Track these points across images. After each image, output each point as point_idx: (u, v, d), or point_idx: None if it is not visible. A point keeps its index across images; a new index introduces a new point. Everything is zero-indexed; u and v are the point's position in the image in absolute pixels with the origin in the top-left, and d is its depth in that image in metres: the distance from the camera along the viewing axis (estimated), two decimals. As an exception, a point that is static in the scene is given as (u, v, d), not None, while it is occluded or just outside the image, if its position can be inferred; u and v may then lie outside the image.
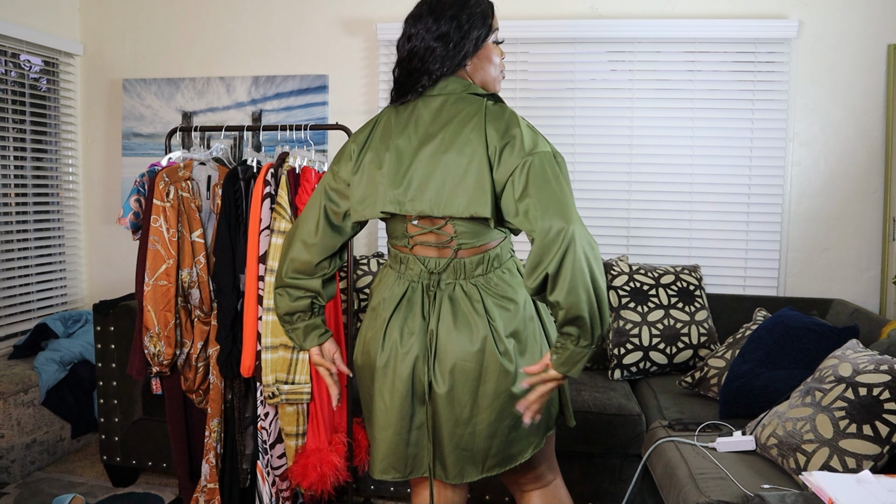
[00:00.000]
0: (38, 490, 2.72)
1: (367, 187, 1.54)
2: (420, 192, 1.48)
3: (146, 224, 2.28)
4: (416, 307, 1.54)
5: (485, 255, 1.53)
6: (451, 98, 1.52)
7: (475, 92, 1.53)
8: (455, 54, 1.52)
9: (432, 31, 1.52)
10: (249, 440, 2.38)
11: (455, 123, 1.48)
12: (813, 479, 1.52)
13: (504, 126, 1.45)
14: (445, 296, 1.52)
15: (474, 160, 1.44)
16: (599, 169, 3.19)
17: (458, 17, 1.52)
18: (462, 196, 1.45)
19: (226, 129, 2.54)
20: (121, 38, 3.55)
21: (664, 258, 3.15)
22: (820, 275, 3.10)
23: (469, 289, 1.52)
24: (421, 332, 1.52)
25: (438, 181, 1.47)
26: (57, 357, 3.01)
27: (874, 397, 1.67)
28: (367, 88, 3.35)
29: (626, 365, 2.76)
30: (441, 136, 1.48)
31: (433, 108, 1.52)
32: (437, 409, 1.52)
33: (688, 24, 3.03)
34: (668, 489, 1.82)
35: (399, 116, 1.54)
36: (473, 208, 1.44)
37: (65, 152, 3.58)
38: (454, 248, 1.52)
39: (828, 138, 3.05)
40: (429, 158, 1.47)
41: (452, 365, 1.49)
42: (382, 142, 1.53)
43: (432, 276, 1.54)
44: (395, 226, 1.58)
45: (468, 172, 1.44)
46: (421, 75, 1.53)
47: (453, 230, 1.51)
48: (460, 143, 1.46)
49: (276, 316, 2.20)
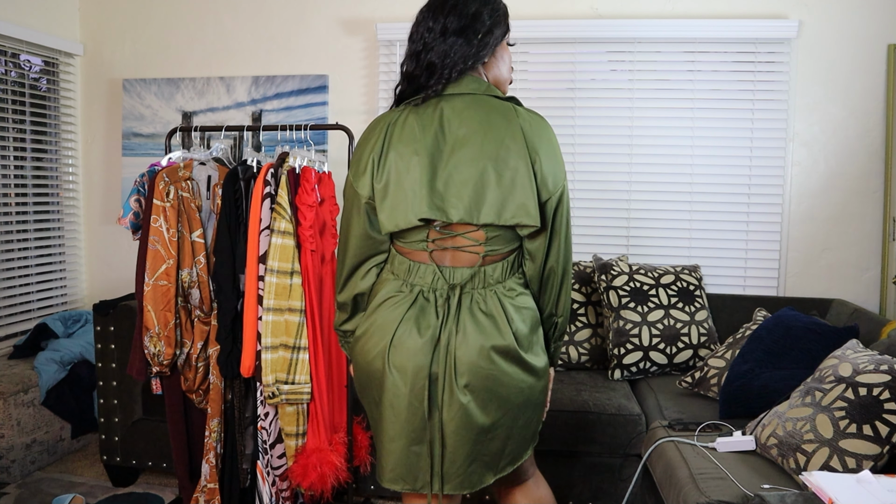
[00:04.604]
0: (38, 490, 2.72)
1: (395, 194, 1.44)
2: (458, 198, 1.41)
3: (146, 224, 2.28)
4: (429, 317, 1.46)
5: (504, 262, 1.51)
6: (474, 99, 1.46)
7: (494, 94, 1.50)
8: (478, 50, 1.48)
9: (454, 24, 1.47)
10: (249, 440, 2.38)
11: (488, 128, 1.43)
12: (813, 479, 1.52)
13: (540, 134, 1.47)
14: (465, 305, 1.46)
15: (519, 169, 1.42)
16: (599, 169, 3.19)
17: (482, 12, 1.49)
18: (511, 204, 1.41)
19: (226, 129, 2.54)
20: (121, 38, 3.55)
21: (664, 258, 3.15)
22: (820, 275, 3.10)
23: (489, 296, 1.47)
24: (434, 343, 1.45)
25: (479, 187, 1.41)
26: (57, 357, 3.01)
27: (874, 397, 1.67)
28: (367, 88, 3.35)
29: (626, 365, 2.76)
30: (475, 140, 1.42)
31: (457, 108, 1.45)
32: (457, 422, 1.45)
33: (688, 24, 3.03)
34: (668, 489, 1.82)
35: (420, 117, 1.45)
36: (521, 216, 1.42)
37: (65, 152, 3.58)
38: (482, 255, 1.48)
39: (828, 138, 3.05)
40: (465, 163, 1.42)
41: (475, 374, 1.44)
42: (407, 144, 1.44)
43: (453, 287, 1.47)
44: (416, 231, 1.48)
45: (515, 181, 1.41)
46: (440, 71, 1.46)
47: (485, 236, 1.47)
48: (501, 150, 1.42)
49: (276, 316, 2.22)
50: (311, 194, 2.26)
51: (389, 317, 1.48)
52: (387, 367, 1.47)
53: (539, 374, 1.53)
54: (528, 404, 1.52)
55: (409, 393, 1.45)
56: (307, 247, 2.25)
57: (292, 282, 2.22)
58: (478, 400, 1.45)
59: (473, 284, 1.48)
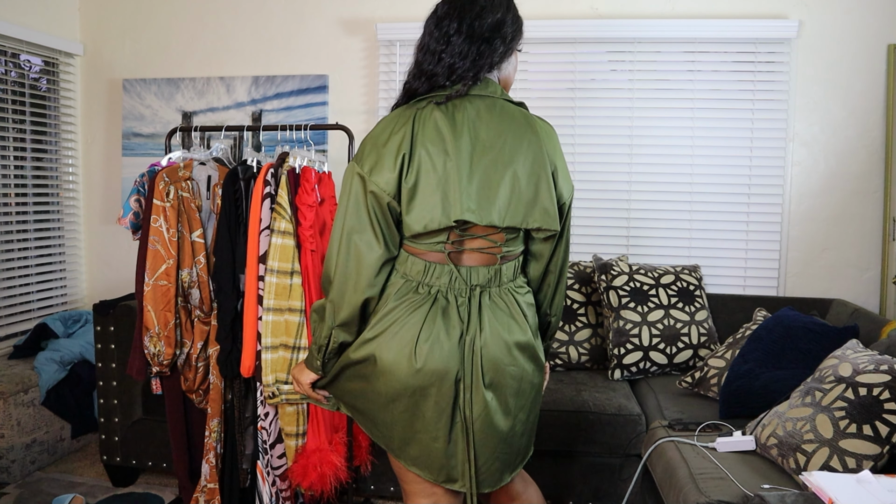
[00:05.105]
0: (38, 490, 2.72)
1: (425, 194, 1.40)
2: (489, 202, 1.42)
3: (146, 224, 2.28)
4: (453, 318, 1.45)
5: (516, 262, 1.56)
6: (493, 102, 1.47)
7: (507, 98, 1.52)
8: (502, 56, 1.50)
9: (481, 29, 1.45)
10: (249, 440, 2.38)
11: (510, 134, 1.45)
12: (813, 479, 1.52)
13: (553, 142, 1.53)
14: (485, 304, 1.48)
15: (537, 171, 1.46)
16: (599, 169, 3.19)
17: (506, 20, 1.49)
18: (530, 208, 1.45)
19: (226, 129, 2.54)
20: (121, 38, 3.55)
21: (664, 258, 3.15)
22: (820, 275, 3.10)
23: (504, 295, 1.51)
24: (461, 344, 1.45)
25: (507, 192, 1.43)
26: (57, 357, 3.01)
27: (874, 397, 1.67)
28: (367, 88, 3.35)
29: (626, 365, 2.76)
30: (500, 145, 1.43)
31: (480, 110, 1.45)
32: (482, 420, 1.46)
33: (688, 24, 3.03)
34: (668, 489, 1.82)
35: (446, 117, 1.42)
36: (542, 222, 1.47)
37: (65, 152, 3.58)
38: (499, 256, 1.51)
39: (828, 138, 3.05)
40: (493, 167, 1.42)
41: (498, 371, 1.47)
42: (435, 143, 1.40)
43: (474, 287, 1.48)
44: (437, 232, 1.45)
45: (531, 184, 1.46)
46: (465, 73, 1.45)
47: (504, 238, 1.50)
48: (523, 157, 1.45)
49: (276, 316, 2.22)
50: (311, 194, 2.26)
51: (410, 319, 1.45)
52: (415, 367, 1.43)
53: (542, 370, 1.62)
54: (537, 399, 1.60)
55: (437, 393, 1.44)
56: (307, 247, 2.25)
57: (292, 282, 2.23)
58: (500, 397, 1.49)
59: (491, 284, 1.51)
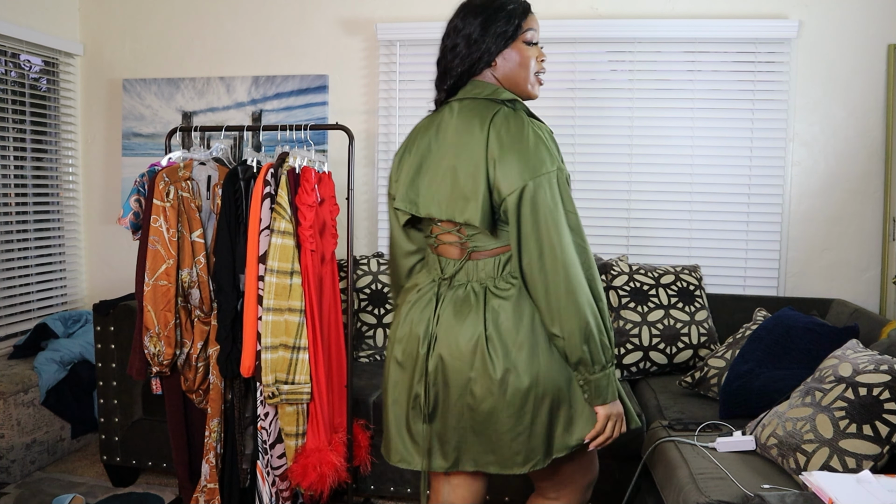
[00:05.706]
0: (38, 490, 2.72)
1: (398, 187, 1.64)
2: (429, 195, 1.55)
3: (146, 224, 2.28)
4: (431, 304, 1.57)
5: (497, 259, 1.54)
6: (472, 103, 1.54)
7: (499, 97, 1.52)
8: (473, 51, 1.53)
9: (460, 29, 1.55)
10: (249, 440, 2.38)
11: (462, 133, 1.51)
12: (813, 479, 1.52)
13: (509, 135, 1.45)
14: (452, 295, 1.55)
15: (471, 167, 1.48)
16: (599, 169, 3.19)
17: (484, 13, 1.53)
18: (460, 202, 1.50)
19: (226, 129, 2.54)
20: (121, 38, 3.55)
21: (664, 258, 3.15)
22: (820, 275, 3.10)
23: (477, 289, 1.54)
24: (427, 328, 1.55)
25: (444, 185, 1.52)
26: (57, 357, 3.01)
27: (874, 397, 1.67)
28: (368, 88, 3.34)
29: (626, 365, 2.76)
30: (454, 143, 1.52)
31: (455, 111, 1.55)
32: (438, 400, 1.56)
33: (688, 24, 3.03)
34: (668, 489, 1.82)
35: (428, 120, 1.62)
36: (467, 215, 1.49)
37: (65, 152, 3.58)
38: (468, 250, 1.56)
39: (828, 138, 3.05)
40: (439, 165, 1.54)
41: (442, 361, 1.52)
42: (408, 148, 1.63)
43: (444, 278, 1.58)
44: (425, 226, 1.65)
45: (466, 179, 1.48)
46: (445, 77, 1.58)
47: (467, 232, 1.55)
48: (464, 148, 1.49)
49: (276, 316, 2.22)
50: (311, 194, 2.26)
51: (413, 304, 1.61)
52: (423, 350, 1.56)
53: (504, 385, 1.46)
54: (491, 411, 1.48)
55: (416, 374, 1.56)
56: (307, 247, 2.25)
57: (292, 282, 2.23)
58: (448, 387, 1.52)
59: (468, 277, 1.56)
